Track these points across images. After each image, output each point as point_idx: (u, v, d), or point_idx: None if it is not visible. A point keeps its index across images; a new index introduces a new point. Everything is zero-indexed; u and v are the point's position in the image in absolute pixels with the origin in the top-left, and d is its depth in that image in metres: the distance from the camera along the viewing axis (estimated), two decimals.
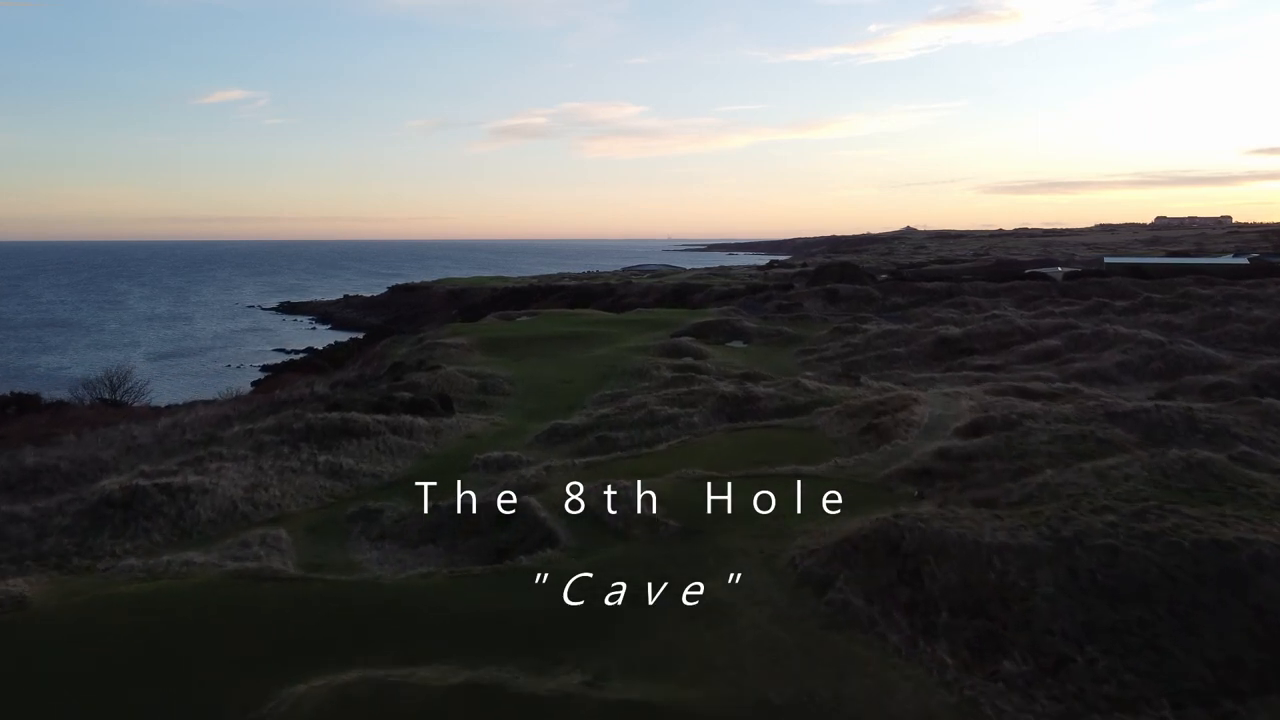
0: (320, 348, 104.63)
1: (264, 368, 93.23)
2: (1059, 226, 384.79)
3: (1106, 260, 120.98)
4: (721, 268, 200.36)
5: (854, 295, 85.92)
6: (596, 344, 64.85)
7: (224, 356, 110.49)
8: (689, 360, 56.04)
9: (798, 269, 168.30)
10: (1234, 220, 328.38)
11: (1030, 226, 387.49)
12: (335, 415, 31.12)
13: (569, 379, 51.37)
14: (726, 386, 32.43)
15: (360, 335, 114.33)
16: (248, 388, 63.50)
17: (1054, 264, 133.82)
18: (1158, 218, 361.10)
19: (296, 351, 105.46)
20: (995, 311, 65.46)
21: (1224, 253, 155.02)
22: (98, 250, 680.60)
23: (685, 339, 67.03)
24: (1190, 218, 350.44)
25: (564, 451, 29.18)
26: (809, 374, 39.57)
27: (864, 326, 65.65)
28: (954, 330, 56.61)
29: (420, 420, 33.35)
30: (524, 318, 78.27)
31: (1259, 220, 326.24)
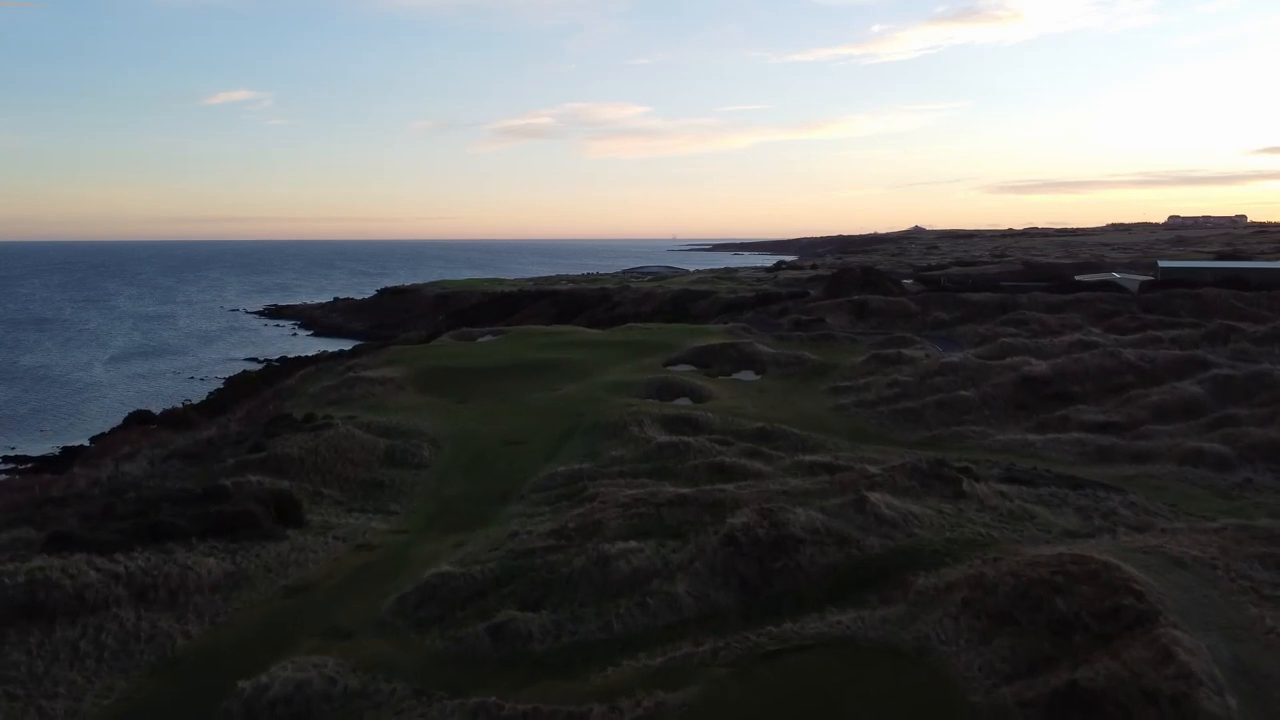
0: (305, 355, 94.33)
1: (226, 380, 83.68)
2: (1068, 226, 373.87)
3: (1162, 265, 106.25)
4: (727, 270, 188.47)
5: (885, 309, 71.63)
6: (570, 376, 50.99)
7: (191, 362, 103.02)
8: (685, 407, 42.12)
9: (808, 271, 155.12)
10: (1248, 219, 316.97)
11: (1039, 226, 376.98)
12: (23, 576, 16.93)
13: (519, 438, 37.37)
14: (738, 517, 18.04)
15: (353, 343, 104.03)
16: (127, 420, 49.66)
17: (1098, 269, 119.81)
18: (1171, 217, 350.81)
19: (270, 360, 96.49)
20: (1080, 336, 51.02)
21: (1268, 256, 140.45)
22: (102, 250, 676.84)
23: (682, 369, 53.24)
24: (1204, 217, 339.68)
25: (423, 657, 15.19)
26: (870, 463, 25.14)
27: (908, 353, 51.57)
28: (1038, 366, 42.32)
29: (211, 560, 19.40)
30: (486, 338, 64.15)
31: (1274, 220, 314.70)
